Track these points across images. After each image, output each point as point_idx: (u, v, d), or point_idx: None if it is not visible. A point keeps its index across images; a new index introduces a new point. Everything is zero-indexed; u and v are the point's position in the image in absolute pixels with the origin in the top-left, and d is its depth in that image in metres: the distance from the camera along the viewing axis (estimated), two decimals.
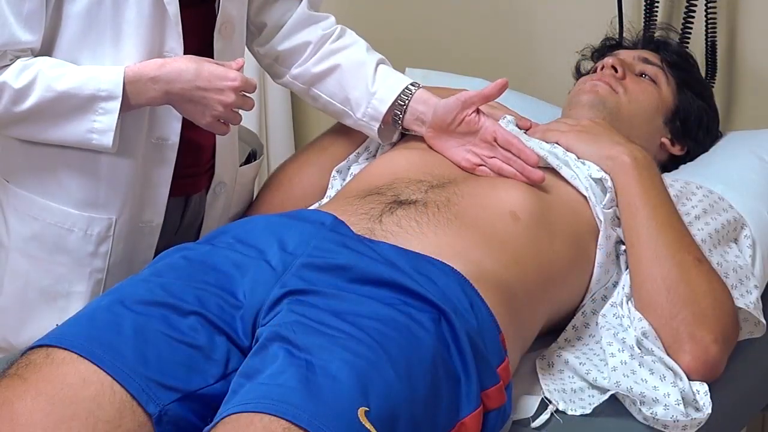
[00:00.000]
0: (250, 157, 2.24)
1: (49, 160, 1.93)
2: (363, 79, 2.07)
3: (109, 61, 1.87)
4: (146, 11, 1.86)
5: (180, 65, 1.86)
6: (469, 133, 2.00)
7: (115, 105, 1.84)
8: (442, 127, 2.02)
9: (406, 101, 2.04)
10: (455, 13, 2.72)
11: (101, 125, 1.86)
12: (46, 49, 1.87)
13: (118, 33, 1.87)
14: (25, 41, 1.83)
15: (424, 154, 2.00)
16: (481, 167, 1.98)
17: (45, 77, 1.83)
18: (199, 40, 1.95)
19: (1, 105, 1.84)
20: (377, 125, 2.06)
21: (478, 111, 2.00)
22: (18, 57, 1.84)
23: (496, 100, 2.18)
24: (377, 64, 2.10)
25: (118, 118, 1.85)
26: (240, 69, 1.89)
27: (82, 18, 1.85)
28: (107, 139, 1.86)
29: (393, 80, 2.07)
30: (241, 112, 1.95)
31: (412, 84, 2.06)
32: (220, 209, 2.12)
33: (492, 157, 1.97)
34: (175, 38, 1.89)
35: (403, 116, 2.04)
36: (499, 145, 1.97)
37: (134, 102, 1.87)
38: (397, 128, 2.08)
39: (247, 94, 1.90)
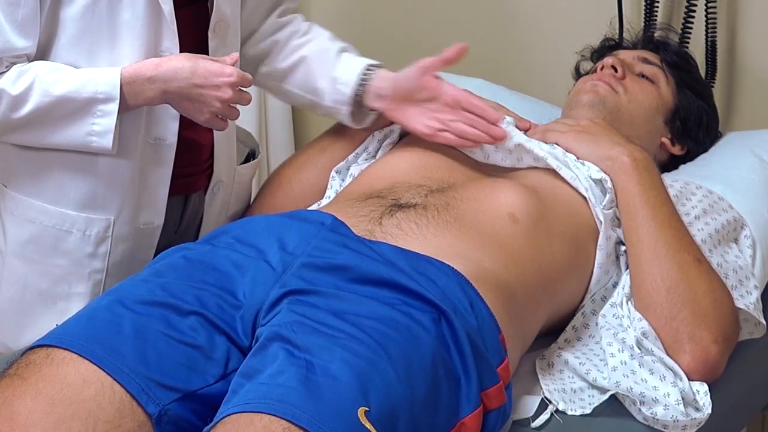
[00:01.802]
0: (249, 158, 2.24)
1: (45, 162, 1.93)
2: (326, 67, 2.09)
3: (105, 62, 1.87)
4: (141, 11, 1.86)
5: (176, 64, 1.86)
6: (430, 100, 2.01)
7: (114, 107, 1.85)
8: (404, 97, 2.03)
9: (368, 81, 2.06)
10: (455, 14, 2.72)
11: (100, 128, 1.86)
12: (42, 53, 1.87)
13: (114, 34, 1.87)
14: (20, 47, 1.83)
15: (425, 156, 2.00)
16: (443, 133, 1.98)
17: (42, 82, 1.83)
18: (193, 39, 1.95)
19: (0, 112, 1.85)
20: (346, 109, 2.07)
21: (437, 77, 2.01)
22: (14, 63, 1.84)
23: (495, 101, 2.19)
24: (340, 51, 2.11)
25: (117, 119, 1.85)
26: (234, 64, 1.89)
27: (77, 21, 1.85)
28: (107, 141, 1.87)
29: (355, 63, 2.08)
30: (241, 110, 1.95)
31: (372, 64, 2.08)
32: (218, 208, 2.12)
33: (455, 121, 1.97)
34: (170, 38, 1.89)
35: (363, 96, 2.06)
36: (463, 108, 1.97)
37: (132, 103, 1.87)
38: (364, 110, 2.09)
39: (244, 89, 1.90)
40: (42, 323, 1.93)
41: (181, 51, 1.90)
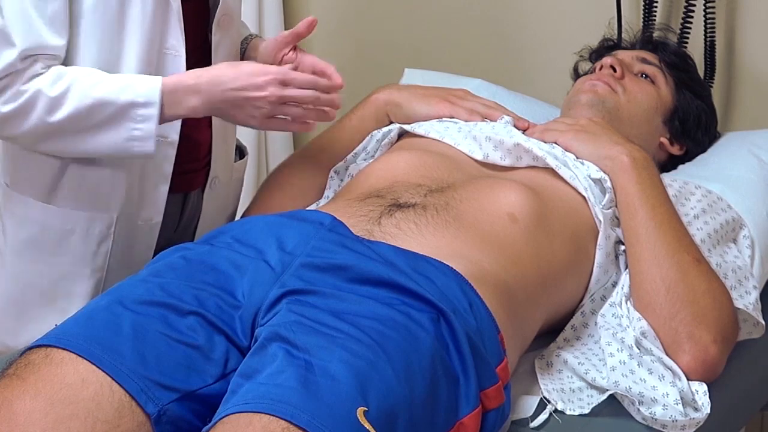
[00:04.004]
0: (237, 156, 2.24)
1: (49, 162, 1.92)
2: None
3: (113, 58, 1.86)
4: (150, 7, 1.86)
5: (217, 71, 1.84)
6: None
7: (154, 111, 1.82)
8: None
9: (242, 51, 2.07)
10: (454, 14, 2.72)
11: (141, 132, 1.83)
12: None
13: (122, 30, 1.85)
14: (53, 44, 1.80)
15: (424, 156, 2.00)
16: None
17: (80, 84, 1.81)
18: (195, 34, 1.95)
19: (35, 115, 1.81)
20: None
21: (295, 48, 2.02)
22: (50, 65, 1.81)
23: (494, 101, 2.19)
24: None
25: (158, 124, 1.83)
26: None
27: (88, 16, 1.84)
28: (149, 146, 1.84)
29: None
30: None
31: (249, 35, 2.10)
32: (216, 205, 2.12)
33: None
34: (177, 35, 1.89)
35: None
36: (317, 74, 1.98)
37: (169, 112, 1.84)
38: None
39: (302, 90, 1.85)
40: (42, 322, 1.93)
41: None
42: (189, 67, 1.92)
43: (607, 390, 1.74)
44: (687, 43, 2.35)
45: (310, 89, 1.86)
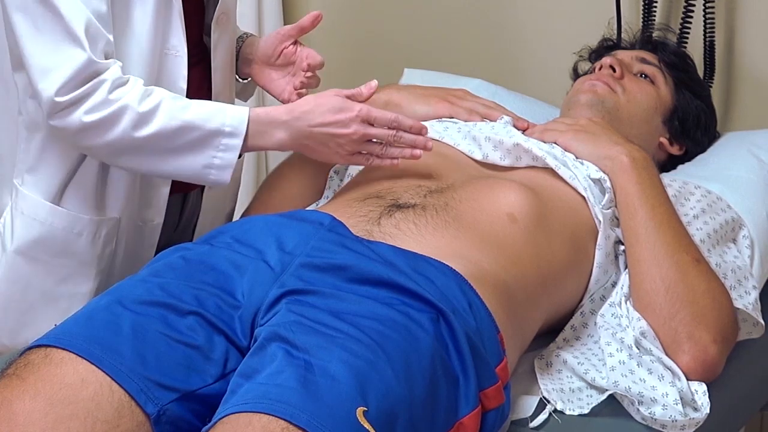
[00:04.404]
0: None
1: (60, 164, 1.91)
2: None
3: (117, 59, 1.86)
4: (152, 7, 1.85)
5: (306, 107, 1.83)
6: (288, 65, 2.03)
7: (238, 142, 1.81)
8: (265, 61, 2.06)
9: (238, 49, 2.08)
10: (454, 14, 2.72)
11: (221, 162, 1.82)
12: None
13: (124, 31, 1.84)
14: (106, 37, 1.78)
15: (423, 157, 1.99)
16: (300, 92, 2.02)
17: (169, 105, 1.79)
18: (194, 33, 1.95)
19: (120, 128, 1.78)
20: None
21: (296, 43, 2.03)
22: (110, 58, 1.79)
23: (493, 101, 2.19)
24: None
25: (237, 156, 1.82)
26: (371, 95, 1.87)
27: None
28: (225, 176, 1.83)
29: None
30: None
31: (244, 34, 2.11)
32: (215, 205, 2.12)
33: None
34: (178, 35, 1.88)
35: (237, 63, 2.08)
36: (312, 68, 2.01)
37: (253, 143, 1.83)
38: (240, 80, 2.11)
39: (385, 130, 1.84)
40: (42, 322, 1.93)
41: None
42: (189, 66, 1.92)
43: (607, 390, 1.74)
44: (686, 43, 2.35)
45: (393, 129, 1.85)
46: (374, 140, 1.86)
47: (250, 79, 2.12)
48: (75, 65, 1.75)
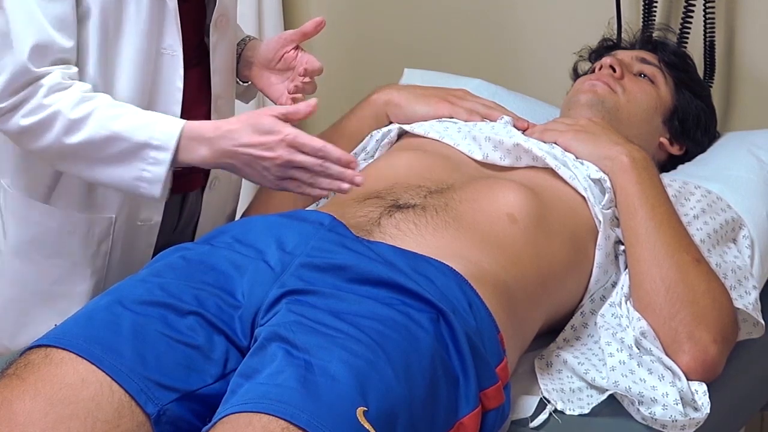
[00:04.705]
0: None
1: (46, 164, 1.92)
2: None
3: (108, 59, 1.86)
4: (146, 7, 1.85)
5: (234, 125, 1.79)
6: (288, 70, 2.03)
7: (166, 156, 1.78)
8: (265, 65, 2.05)
9: (240, 52, 2.08)
10: (454, 15, 2.72)
11: (150, 175, 1.79)
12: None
13: (118, 30, 1.85)
14: (62, 46, 1.78)
15: (424, 157, 2.00)
16: (294, 96, 2.01)
17: (101, 114, 1.78)
18: (193, 34, 1.95)
19: (53, 133, 1.78)
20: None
21: (297, 48, 2.03)
22: (68, 74, 1.79)
23: (493, 101, 2.19)
24: None
25: (169, 170, 1.79)
26: (311, 113, 1.79)
27: (89, 18, 1.83)
28: (156, 190, 1.80)
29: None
30: (241, 110, 1.94)
31: (246, 37, 2.10)
32: (215, 205, 2.11)
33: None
34: (174, 35, 1.89)
35: (238, 67, 2.08)
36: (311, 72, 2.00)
37: (182, 158, 1.80)
38: (240, 82, 2.11)
39: (310, 158, 1.76)
40: (41, 323, 1.93)
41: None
42: (187, 67, 1.92)
43: (607, 390, 1.74)
44: (687, 43, 2.35)
45: (319, 158, 1.77)
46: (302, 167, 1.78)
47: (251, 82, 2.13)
48: (11, 72, 1.77)
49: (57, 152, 1.81)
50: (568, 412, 1.73)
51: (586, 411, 1.74)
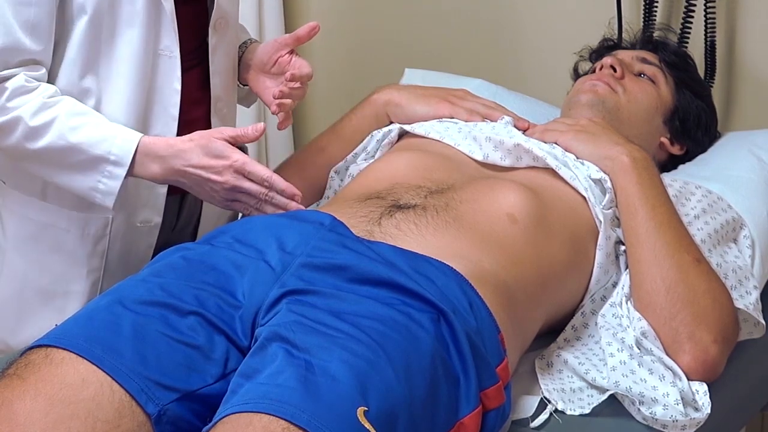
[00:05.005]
0: None
1: None
2: None
3: (104, 60, 1.86)
4: (141, 7, 1.86)
5: (187, 145, 1.84)
6: (282, 74, 2.03)
7: (121, 172, 1.83)
8: (261, 68, 2.06)
9: (241, 55, 2.08)
10: (454, 14, 2.72)
11: (105, 187, 1.85)
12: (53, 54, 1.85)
13: (112, 31, 1.86)
14: (29, 49, 1.80)
15: (424, 157, 2.00)
16: (281, 102, 2.00)
17: (61, 124, 1.82)
18: (193, 36, 1.95)
19: (15, 137, 1.82)
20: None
21: (292, 52, 2.03)
22: (34, 76, 1.81)
23: (493, 101, 2.19)
24: None
25: (122, 184, 1.84)
26: (256, 137, 1.84)
27: (80, 19, 1.84)
28: (109, 201, 1.86)
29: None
30: (241, 110, 1.94)
31: (248, 39, 2.11)
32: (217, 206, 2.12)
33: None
34: (170, 36, 1.89)
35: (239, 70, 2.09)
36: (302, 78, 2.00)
37: (137, 172, 1.85)
38: (241, 85, 2.12)
39: (256, 186, 1.83)
40: (40, 321, 1.94)
41: (180, 49, 1.89)
42: (186, 68, 1.92)
43: (608, 390, 1.74)
44: (687, 42, 2.35)
45: (264, 187, 1.84)
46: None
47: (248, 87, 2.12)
48: None
49: (20, 154, 1.85)
50: (568, 412, 1.73)
51: (587, 411, 1.74)
